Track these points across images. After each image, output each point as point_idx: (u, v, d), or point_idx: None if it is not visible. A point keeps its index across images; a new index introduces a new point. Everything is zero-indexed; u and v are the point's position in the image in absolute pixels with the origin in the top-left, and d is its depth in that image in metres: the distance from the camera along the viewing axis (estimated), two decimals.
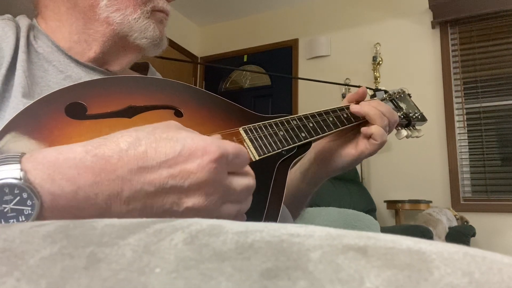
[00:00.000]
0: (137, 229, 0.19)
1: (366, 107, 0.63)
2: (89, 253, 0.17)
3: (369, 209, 2.68)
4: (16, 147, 0.37)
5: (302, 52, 3.67)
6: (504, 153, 2.86)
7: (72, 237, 0.18)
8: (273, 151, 0.53)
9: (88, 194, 0.30)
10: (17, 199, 0.28)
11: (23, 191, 0.28)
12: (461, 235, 2.35)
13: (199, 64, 4.14)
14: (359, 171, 3.04)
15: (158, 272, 0.15)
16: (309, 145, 0.58)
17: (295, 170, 0.70)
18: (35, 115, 0.40)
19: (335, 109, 0.64)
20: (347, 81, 3.24)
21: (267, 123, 0.55)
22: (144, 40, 0.57)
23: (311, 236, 0.18)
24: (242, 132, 0.52)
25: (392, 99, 0.75)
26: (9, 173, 0.28)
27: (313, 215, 1.27)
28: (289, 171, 0.54)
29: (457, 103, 3.01)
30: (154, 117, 0.46)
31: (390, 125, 0.65)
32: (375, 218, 2.35)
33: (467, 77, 3.02)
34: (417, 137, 0.75)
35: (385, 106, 0.65)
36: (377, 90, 0.76)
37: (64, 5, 0.56)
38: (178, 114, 0.48)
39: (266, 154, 0.52)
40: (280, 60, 3.78)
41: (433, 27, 3.12)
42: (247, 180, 0.37)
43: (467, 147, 2.95)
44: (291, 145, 0.55)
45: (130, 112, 0.45)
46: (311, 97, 3.52)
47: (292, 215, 0.67)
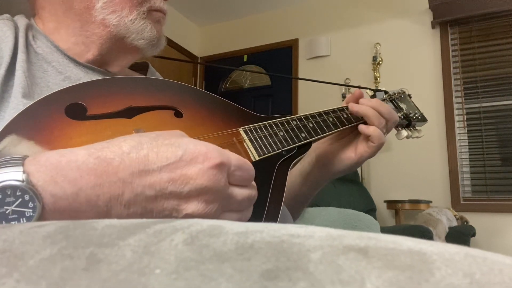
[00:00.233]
0: (137, 230, 0.19)
1: (364, 107, 0.63)
2: (89, 253, 0.17)
3: (369, 209, 2.68)
4: (16, 148, 0.37)
5: (302, 52, 3.67)
6: (504, 153, 2.86)
7: (72, 238, 0.18)
8: (273, 151, 0.53)
9: (89, 196, 0.30)
10: (19, 201, 0.28)
11: (25, 193, 0.28)
12: (461, 235, 2.35)
13: (199, 64, 4.14)
14: (359, 171, 3.04)
15: (158, 273, 0.15)
16: (309, 145, 0.58)
17: (296, 173, 0.70)
18: (35, 116, 0.40)
19: (335, 109, 0.64)
20: (347, 81, 3.24)
21: (267, 123, 0.55)
22: (141, 41, 0.56)
23: (312, 236, 0.18)
24: (242, 132, 0.52)
25: (392, 99, 0.75)
26: (11, 175, 0.28)
27: (313, 215, 1.27)
28: (290, 173, 0.54)
29: (457, 103, 3.01)
30: (154, 117, 0.46)
31: (388, 125, 0.65)
32: (375, 218, 2.35)
33: (467, 77, 3.02)
34: (417, 137, 0.75)
35: (384, 106, 0.64)
36: (377, 90, 0.76)
37: (60, 7, 0.56)
38: (178, 114, 0.48)
39: (266, 154, 0.52)
40: (280, 60, 3.78)
41: (433, 27, 3.12)
42: (249, 190, 0.36)
43: (467, 147, 2.95)
44: (291, 145, 0.55)
45: (130, 112, 0.45)
46: (311, 97, 3.52)
47: (292, 216, 0.67)
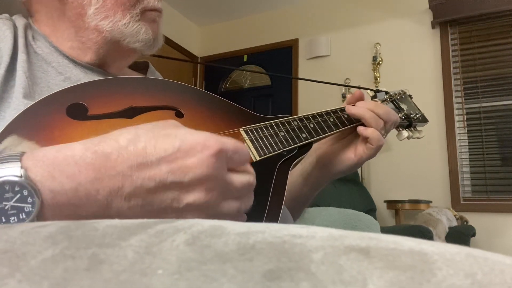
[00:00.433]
0: (139, 230, 0.19)
1: (361, 109, 0.62)
2: (91, 254, 0.17)
3: (369, 209, 2.68)
4: (17, 148, 0.37)
5: (302, 52, 3.67)
6: (504, 153, 2.86)
7: (73, 238, 0.18)
8: (274, 151, 0.53)
9: (89, 190, 0.30)
10: (17, 197, 0.28)
11: (24, 189, 0.28)
12: (461, 235, 2.35)
13: (199, 63, 4.14)
14: (359, 171, 3.04)
15: (160, 273, 0.15)
16: (310, 145, 0.58)
17: (296, 173, 0.70)
18: (36, 116, 0.40)
19: (335, 109, 0.64)
20: (347, 81, 3.24)
21: (268, 123, 0.55)
22: (137, 43, 0.56)
23: (313, 237, 0.18)
24: (242, 132, 0.52)
25: (393, 100, 0.75)
26: (9, 171, 0.28)
27: (313, 215, 1.27)
28: (290, 173, 0.54)
29: (457, 103, 3.01)
30: (155, 117, 0.46)
31: (387, 127, 0.64)
32: (375, 218, 2.35)
33: (467, 77, 3.02)
34: (418, 138, 0.74)
35: (382, 107, 0.64)
36: (378, 91, 0.75)
37: (55, 12, 0.56)
38: (179, 114, 0.48)
39: (267, 154, 0.52)
40: (280, 60, 3.77)
41: (433, 27, 3.12)
42: (247, 176, 0.37)
43: (467, 147, 2.95)
44: (292, 145, 0.55)
45: (131, 112, 0.45)
46: (311, 97, 3.51)
47: (292, 216, 0.67)
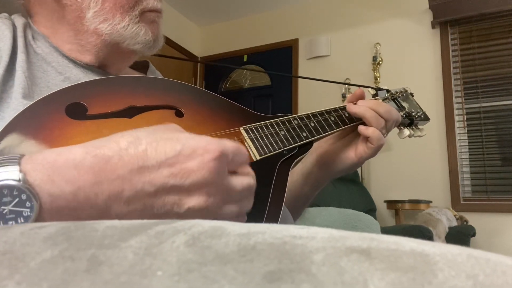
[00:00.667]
0: (139, 231, 0.19)
1: (362, 108, 0.62)
2: (91, 255, 0.16)
3: (369, 209, 2.67)
4: (16, 148, 0.37)
5: (302, 52, 3.67)
6: (504, 153, 2.86)
7: (73, 239, 0.18)
8: (274, 150, 0.52)
9: (88, 194, 0.29)
10: (16, 201, 0.27)
11: (22, 193, 0.28)
12: (461, 235, 2.35)
13: (199, 62, 4.14)
14: (359, 171, 3.04)
15: (160, 275, 0.15)
16: (310, 144, 0.58)
17: (297, 172, 0.69)
18: (35, 116, 0.40)
19: (336, 108, 0.64)
20: (347, 81, 3.24)
21: (268, 122, 0.55)
22: (137, 45, 0.56)
23: (314, 238, 0.18)
24: (243, 131, 0.52)
25: (394, 98, 0.75)
26: (8, 174, 0.28)
27: (313, 215, 1.27)
28: (291, 172, 0.54)
29: (457, 103, 3.01)
30: (155, 117, 0.46)
31: (388, 125, 0.64)
32: (375, 218, 2.35)
33: (467, 77, 3.02)
34: (419, 136, 0.74)
35: (383, 106, 0.63)
36: (379, 89, 0.75)
37: (54, 15, 0.55)
38: (179, 114, 0.48)
39: (267, 153, 0.51)
40: (280, 60, 3.77)
41: (433, 27, 3.12)
42: (247, 179, 0.36)
43: (467, 147, 2.95)
44: (292, 144, 0.55)
45: (130, 112, 0.45)
46: (311, 97, 3.51)
47: (293, 216, 0.67)
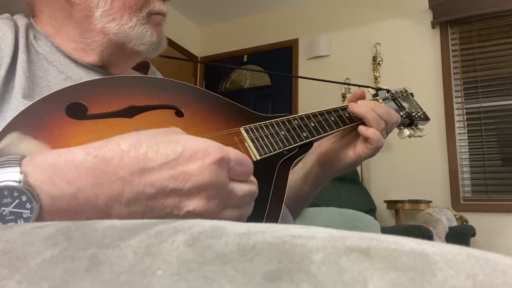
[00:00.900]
0: (138, 231, 0.19)
1: (363, 108, 0.62)
2: (91, 255, 0.17)
3: (369, 209, 2.67)
4: (16, 148, 0.37)
5: (302, 52, 3.67)
6: (504, 153, 2.86)
7: (73, 239, 0.18)
8: (274, 150, 0.52)
9: (88, 196, 0.29)
10: (16, 202, 0.27)
11: (23, 194, 0.28)
12: (461, 235, 2.35)
13: (199, 62, 4.14)
14: (359, 171, 3.04)
15: (160, 274, 0.15)
16: (310, 144, 0.58)
17: (297, 171, 0.70)
18: (35, 115, 0.40)
19: (336, 108, 0.64)
20: (347, 81, 3.24)
21: (268, 122, 0.55)
22: (142, 46, 0.56)
23: (314, 237, 0.18)
24: (243, 131, 0.52)
25: (394, 98, 0.75)
26: (8, 176, 0.28)
27: (313, 215, 1.27)
28: (291, 172, 0.54)
29: (457, 103, 3.01)
30: (155, 117, 0.46)
31: (388, 127, 0.64)
32: (375, 218, 2.35)
33: (467, 77, 3.02)
34: (419, 136, 0.74)
35: (383, 108, 0.63)
36: (380, 89, 0.75)
37: (60, 13, 0.55)
38: (179, 114, 0.48)
39: (267, 153, 0.51)
40: (280, 60, 3.77)
41: (433, 27, 3.12)
42: (249, 186, 0.36)
43: (467, 147, 2.95)
44: (293, 144, 0.55)
45: (131, 112, 0.45)
46: (311, 97, 3.51)
47: (292, 215, 0.67)
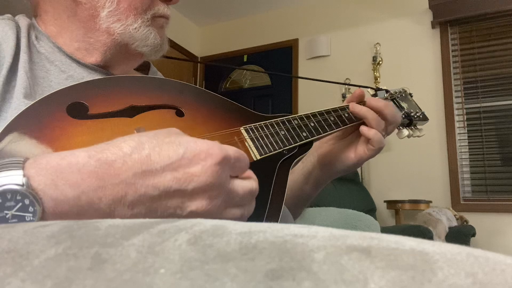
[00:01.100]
0: (141, 230, 0.19)
1: (365, 109, 0.62)
2: (94, 253, 0.17)
3: (369, 209, 2.68)
4: (17, 147, 0.37)
5: (302, 52, 3.67)
6: (504, 153, 2.86)
7: (76, 238, 0.18)
8: (274, 150, 0.53)
9: (91, 198, 0.29)
10: (19, 205, 0.27)
11: (25, 198, 0.28)
12: (461, 235, 2.35)
13: (199, 62, 4.14)
14: (359, 171, 3.04)
15: (163, 272, 0.15)
16: (310, 144, 0.58)
17: (298, 171, 0.70)
18: (36, 115, 0.40)
19: (336, 108, 0.64)
20: (347, 81, 3.24)
21: (268, 122, 0.55)
22: (145, 48, 0.56)
23: (315, 236, 0.18)
24: (243, 131, 0.52)
25: (393, 98, 0.75)
26: (11, 179, 0.28)
27: (313, 215, 1.27)
28: (292, 172, 0.54)
29: (457, 103, 3.01)
30: (155, 117, 0.46)
31: (389, 128, 0.64)
32: (375, 218, 2.35)
33: (467, 77, 3.02)
34: (418, 136, 0.74)
35: (390, 108, 0.63)
36: (379, 89, 0.75)
37: (64, 13, 0.55)
38: (179, 113, 0.48)
39: (267, 153, 0.52)
40: (280, 60, 3.77)
41: (433, 27, 3.12)
42: (250, 183, 0.37)
43: (467, 147, 2.95)
44: (292, 144, 0.55)
45: (131, 112, 0.45)
46: (311, 97, 3.51)
47: (293, 215, 0.67)
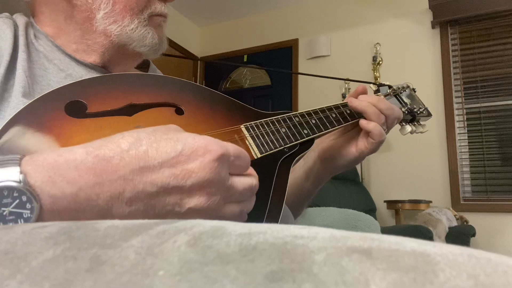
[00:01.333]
0: (140, 231, 0.19)
1: (363, 103, 0.62)
2: (93, 255, 0.17)
3: (369, 209, 2.68)
4: (15, 146, 0.37)
5: (302, 52, 3.67)
6: (504, 153, 2.86)
7: (75, 239, 0.18)
8: (275, 148, 0.52)
9: (89, 195, 0.29)
10: (16, 202, 0.27)
11: (23, 194, 0.28)
12: (461, 235, 2.35)
13: (199, 60, 4.13)
14: (359, 171, 3.04)
15: (162, 274, 0.15)
16: (311, 142, 0.58)
17: (299, 168, 0.69)
18: (35, 113, 0.40)
19: (337, 105, 0.64)
20: (347, 81, 3.24)
21: (269, 120, 0.55)
22: (143, 48, 0.56)
23: (315, 237, 0.18)
24: (243, 129, 0.52)
25: (396, 94, 0.74)
26: (8, 175, 0.28)
27: (313, 215, 1.27)
28: (293, 169, 0.54)
29: (457, 103, 3.01)
30: (155, 115, 0.46)
31: (389, 122, 0.63)
32: (375, 218, 2.35)
33: (467, 77, 3.02)
34: (421, 132, 0.73)
35: (385, 103, 0.63)
36: (381, 85, 0.75)
37: (61, 14, 0.55)
38: (179, 111, 0.48)
39: (268, 151, 0.51)
40: (280, 60, 3.77)
41: (433, 27, 3.12)
42: (249, 179, 0.36)
43: (467, 147, 2.95)
44: (293, 142, 0.54)
45: (130, 110, 0.45)
46: (311, 97, 3.51)
47: (294, 214, 0.67)
